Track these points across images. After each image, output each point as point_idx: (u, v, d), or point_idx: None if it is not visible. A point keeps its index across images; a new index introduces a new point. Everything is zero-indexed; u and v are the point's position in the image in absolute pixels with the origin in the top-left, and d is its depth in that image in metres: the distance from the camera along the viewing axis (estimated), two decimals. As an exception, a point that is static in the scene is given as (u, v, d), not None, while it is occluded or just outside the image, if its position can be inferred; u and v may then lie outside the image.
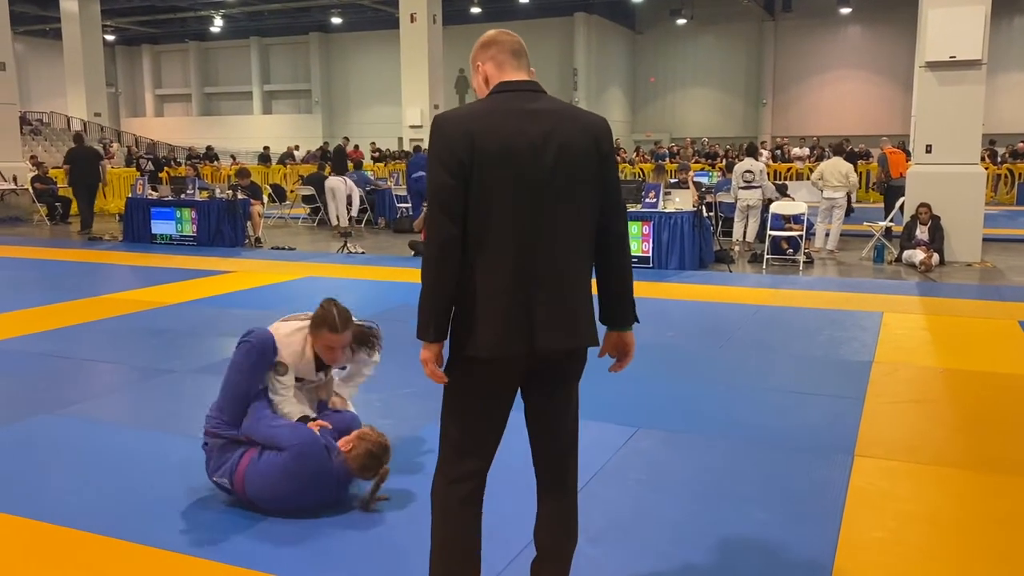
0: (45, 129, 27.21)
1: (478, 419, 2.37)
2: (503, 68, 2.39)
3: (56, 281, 9.60)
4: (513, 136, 2.24)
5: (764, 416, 4.66)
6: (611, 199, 2.38)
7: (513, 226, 2.24)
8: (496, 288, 2.24)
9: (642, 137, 35.99)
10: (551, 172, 2.25)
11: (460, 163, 2.21)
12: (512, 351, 2.25)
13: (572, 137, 2.29)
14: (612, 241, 2.40)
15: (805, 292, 8.57)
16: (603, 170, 2.35)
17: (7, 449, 4.21)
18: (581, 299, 2.34)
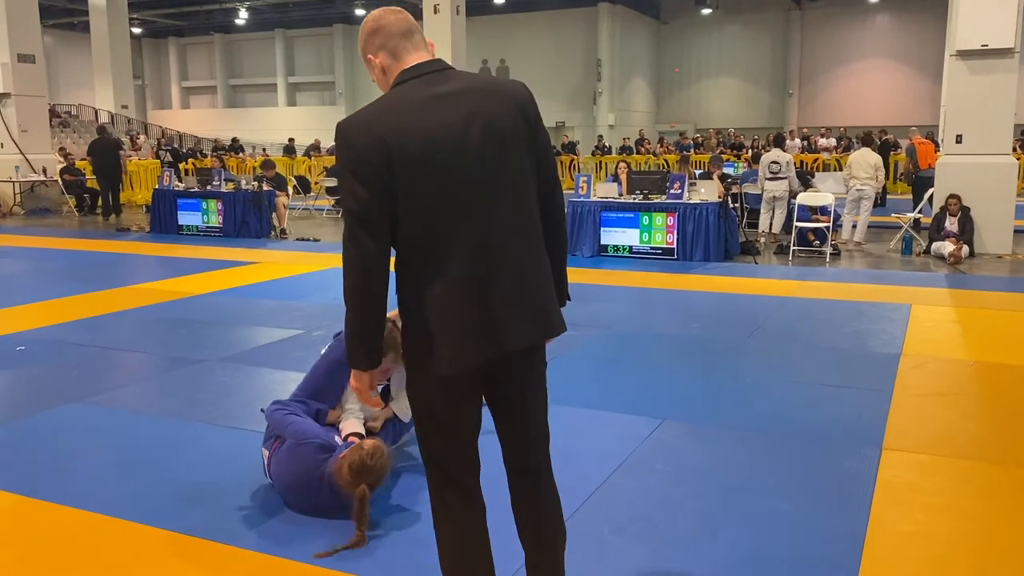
0: (74, 121, 27.55)
1: (451, 436, 2.20)
2: (398, 54, 2.14)
3: (85, 271, 9.72)
4: (431, 128, 2.02)
5: (790, 408, 4.63)
6: (547, 172, 2.22)
7: (453, 226, 2.04)
8: (447, 297, 2.04)
9: (666, 128, 35.77)
10: (482, 158, 2.05)
11: (377, 174, 1.99)
12: (476, 360, 2.08)
13: (496, 113, 2.08)
14: (553, 218, 2.23)
15: (832, 284, 8.49)
16: (536, 141, 2.17)
17: (39, 437, 4.27)
18: (544, 285, 2.17)
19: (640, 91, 37.02)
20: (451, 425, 2.19)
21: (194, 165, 18.84)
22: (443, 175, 2.02)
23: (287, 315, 7.09)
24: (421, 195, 2.01)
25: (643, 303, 7.66)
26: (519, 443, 2.28)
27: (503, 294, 2.07)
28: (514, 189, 2.10)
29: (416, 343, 2.10)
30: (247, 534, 3.17)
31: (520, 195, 2.12)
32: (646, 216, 10.10)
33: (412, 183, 2.00)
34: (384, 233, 2.02)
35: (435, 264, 2.04)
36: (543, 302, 2.15)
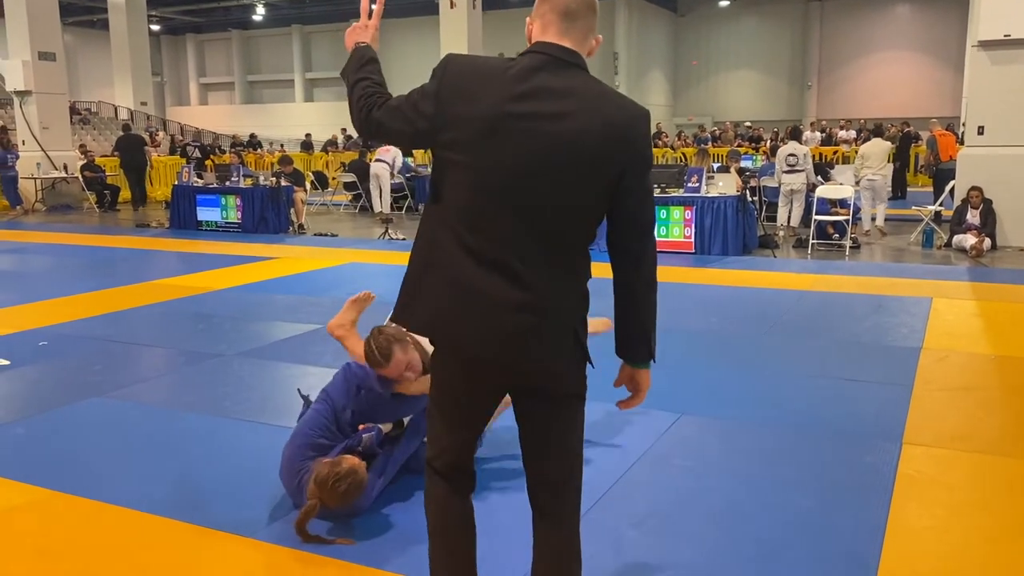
0: (93, 118, 27.74)
1: (449, 421, 2.14)
2: (547, 29, 1.96)
3: (106, 267, 9.80)
4: (508, 109, 1.86)
5: (809, 403, 4.60)
6: (629, 212, 1.95)
7: (471, 213, 1.90)
8: (461, 281, 1.92)
9: (684, 121, 35.61)
10: (542, 164, 1.86)
11: (425, 116, 1.94)
12: (442, 333, 2.00)
13: (584, 128, 1.86)
14: (626, 261, 2.01)
15: (851, 277, 8.43)
16: (620, 177, 1.91)
17: (61, 431, 4.32)
18: (556, 317, 1.97)
19: (657, 84, 36.86)
20: (450, 410, 2.12)
21: (213, 161, 18.94)
22: (489, 157, 1.87)
23: (305, 310, 7.12)
24: (456, 163, 1.90)
25: (660, 297, 7.61)
26: (534, 479, 2.13)
27: (511, 306, 1.91)
28: (562, 210, 1.90)
29: (403, 290, 2.03)
30: (267, 527, 3.19)
31: (565, 219, 1.91)
32: (663, 209, 10.05)
33: (454, 148, 1.90)
34: (403, 136, 2.04)
35: (443, 232, 1.94)
36: (550, 329, 1.96)
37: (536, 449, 2.11)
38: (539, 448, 2.10)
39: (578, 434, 2.14)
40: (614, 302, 2.04)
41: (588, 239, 2.01)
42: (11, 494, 3.53)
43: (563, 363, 2.03)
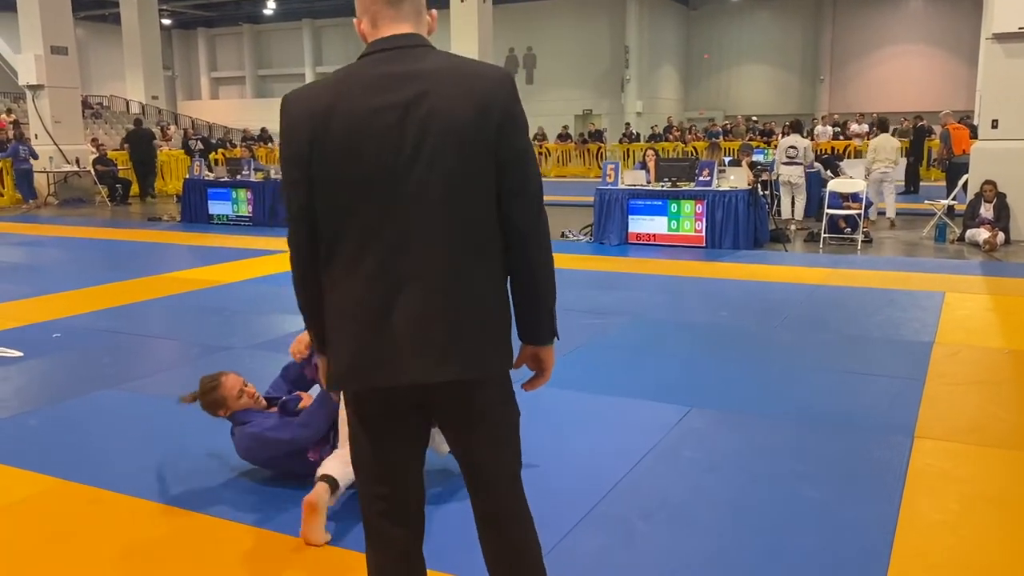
0: (105, 112, 27.86)
1: (378, 469, 1.93)
2: (377, 21, 1.84)
3: (118, 260, 9.85)
4: (361, 112, 1.75)
5: (820, 396, 4.58)
6: (510, 183, 1.82)
7: (366, 229, 1.77)
8: (348, 308, 1.80)
9: (695, 115, 35.47)
10: (415, 157, 1.74)
11: (300, 155, 1.78)
12: (363, 385, 1.83)
13: (447, 105, 1.74)
14: (515, 238, 1.85)
15: (863, 271, 8.39)
16: (497, 146, 1.79)
17: (74, 422, 4.35)
18: (474, 315, 1.82)
19: (668, 78, 36.71)
20: (369, 457, 1.92)
21: (223, 155, 18.99)
22: (363, 168, 1.75)
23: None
24: (335, 188, 1.77)
25: (671, 291, 7.62)
26: (472, 484, 1.98)
27: (408, 318, 1.77)
28: (453, 199, 1.77)
29: (330, 344, 1.88)
30: (277, 516, 3.20)
31: (461, 207, 1.78)
32: (674, 204, 10.03)
33: (328, 175, 1.77)
34: (306, 220, 1.82)
35: (342, 268, 1.80)
36: (460, 335, 1.80)
37: (462, 448, 2.00)
38: (465, 447, 1.99)
39: (509, 429, 2.02)
40: (511, 283, 1.90)
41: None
42: (25, 483, 3.56)
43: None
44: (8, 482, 3.58)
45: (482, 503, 1.98)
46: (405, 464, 1.94)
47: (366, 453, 1.92)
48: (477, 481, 1.97)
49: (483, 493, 1.97)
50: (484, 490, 1.97)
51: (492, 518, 1.98)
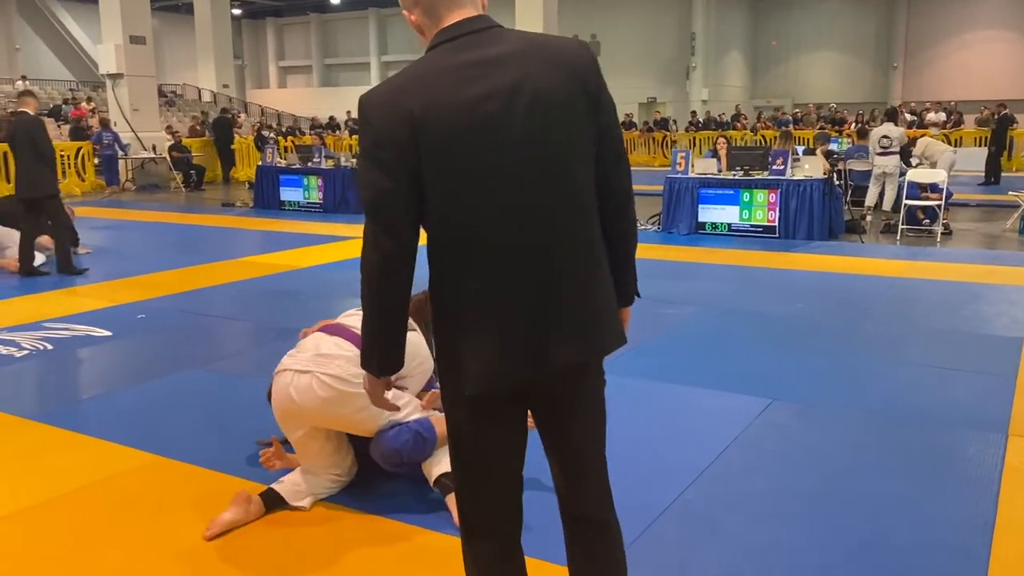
0: (178, 100, 28.58)
1: (480, 472, 1.91)
2: (434, 11, 1.77)
3: (195, 244, 10.12)
4: (466, 102, 1.68)
5: (905, 391, 4.47)
6: (609, 150, 1.83)
7: (491, 221, 1.73)
8: (480, 305, 1.75)
9: (762, 103, 34.79)
10: (528, 138, 1.71)
11: (400, 158, 1.69)
12: (507, 382, 1.78)
13: (548, 83, 1.72)
14: (615, 203, 1.86)
15: (945, 264, 8.14)
16: (597, 117, 1.79)
17: (166, 399, 4.49)
18: (599, 291, 1.82)
19: (735, 66, 36.06)
20: (479, 458, 1.89)
21: (292, 143, 19.32)
22: (480, 159, 1.70)
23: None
24: (453, 184, 1.71)
25: (744, 281, 7.51)
26: (567, 482, 1.94)
27: (549, 302, 1.75)
28: (568, 175, 1.76)
29: (444, 358, 1.83)
30: (366, 496, 3.25)
31: (576, 182, 1.78)
32: (747, 193, 9.86)
33: (442, 170, 1.70)
34: (408, 231, 1.73)
35: (468, 265, 1.75)
36: (596, 312, 1.81)
37: (560, 439, 1.95)
38: (564, 437, 1.94)
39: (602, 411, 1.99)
40: (607, 247, 1.87)
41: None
42: (124, 458, 3.69)
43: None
44: (107, 456, 3.72)
45: (573, 493, 1.94)
46: (508, 455, 1.92)
47: (470, 445, 1.90)
48: (571, 471, 1.93)
49: (575, 483, 1.93)
50: (577, 480, 1.93)
51: (588, 520, 1.95)
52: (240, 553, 2.89)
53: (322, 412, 3.06)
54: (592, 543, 1.96)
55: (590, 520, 1.95)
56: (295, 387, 3.04)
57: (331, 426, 3.17)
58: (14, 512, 3.20)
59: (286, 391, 3.07)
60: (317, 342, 3.16)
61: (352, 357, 3.02)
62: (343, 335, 3.17)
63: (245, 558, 2.86)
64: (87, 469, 3.58)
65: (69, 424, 4.10)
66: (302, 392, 3.02)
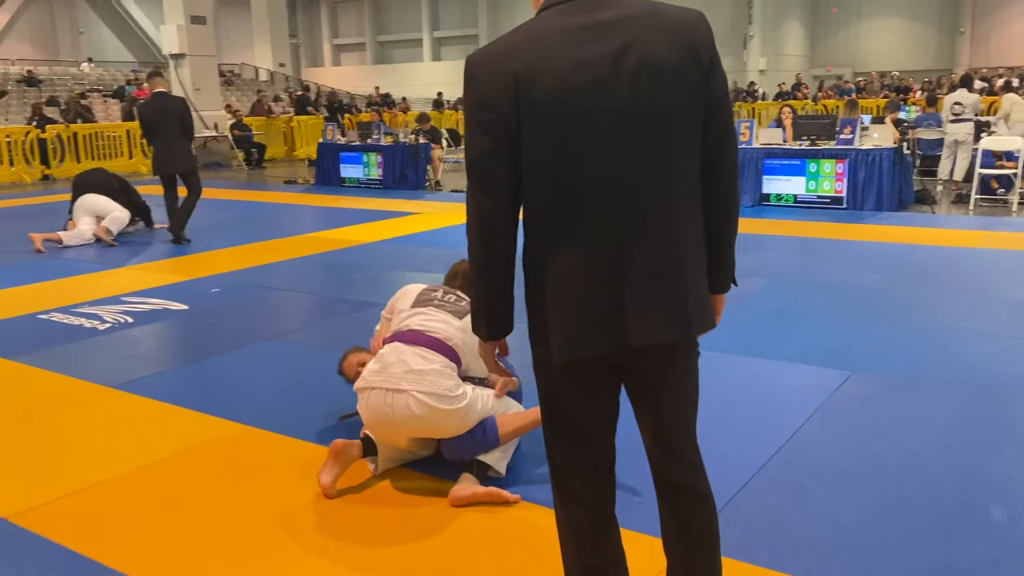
0: (236, 80, 28.96)
1: (571, 437, 1.90)
2: None
3: (261, 220, 10.28)
4: (570, 66, 1.65)
5: (988, 362, 4.35)
6: (719, 126, 1.77)
7: (589, 189, 1.70)
8: (570, 274, 1.73)
9: (822, 72, 33.92)
10: (632, 107, 1.66)
11: (502, 120, 1.68)
12: (589, 352, 1.76)
13: (658, 50, 1.66)
14: (720, 182, 1.81)
15: (1022, 234, 7.88)
16: (707, 89, 1.73)
17: (241, 370, 4.60)
18: (693, 270, 1.77)
19: (794, 33, 35.16)
20: (570, 423, 1.89)
21: (350, 120, 19.47)
22: (581, 126, 1.67)
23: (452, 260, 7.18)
24: (551, 149, 1.68)
25: (812, 253, 7.36)
26: (660, 452, 1.93)
27: (638, 277, 1.71)
28: (671, 147, 1.71)
29: (534, 322, 1.82)
30: (449, 469, 3.30)
31: (678, 155, 1.73)
32: (813, 163, 9.66)
33: (541, 134, 1.67)
34: (507, 191, 1.73)
35: (562, 233, 1.72)
36: (687, 292, 1.76)
37: (648, 412, 1.93)
38: (652, 410, 1.93)
39: (694, 387, 1.98)
40: (708, 227, 1.82)
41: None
42: (211, 427, 3.80)
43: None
44: (194, 424, 3.83)
45: (665, 463, 1.93)
46: (602, 426, 1.91)
47: (564, 416, 1.89)
48: (662, 442, 1.92)
49: (667, 453, 1.93)
50: (669, 451, 1.92)
51: (681, 488, 1.94)
52: (332, 519, 2.96)
53: (418, 428, 3.10)
54: (687, 511, 1.95)
55: (684, 488, 1.95)
56: (392, 407, 3.03)
57: (424, 436, 3.22)
58: (109, 478, 3.32)
59: (381, 411, 3.06)
60: (402, 355, 3.11)
61: (442, 369, 3.07)
62: (424, 343, 3.15)
63: (337, 524, 2.93)
64: (177, 437, 3.69)
65: (155, 394, 4.22)
66: (399, 411, 3.02)
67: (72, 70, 28.24)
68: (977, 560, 2.60)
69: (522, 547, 2.75)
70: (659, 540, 2.01)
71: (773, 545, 2.69)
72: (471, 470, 3.13)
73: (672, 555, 2.01)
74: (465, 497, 3.03)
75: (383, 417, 3.06)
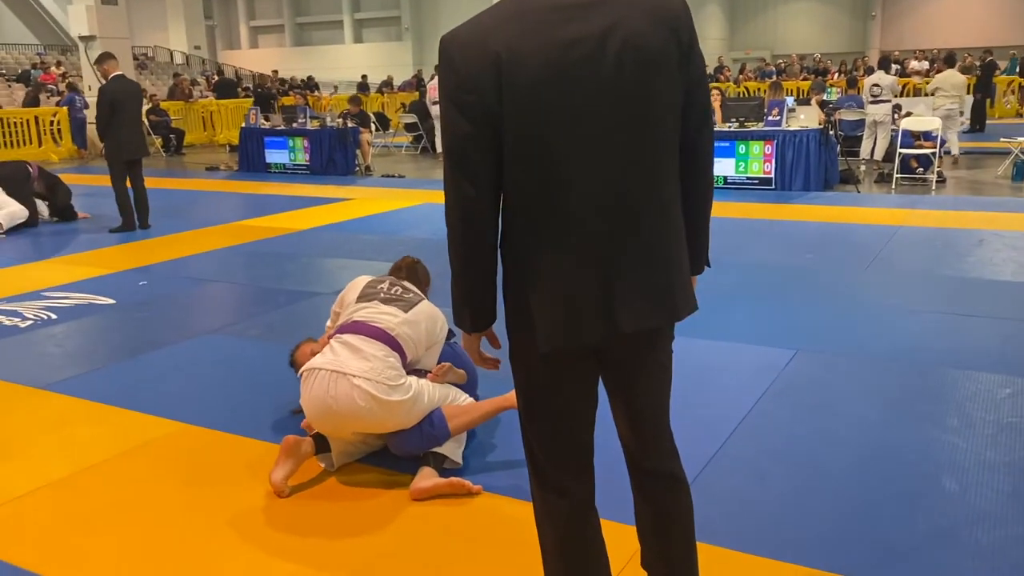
0: (150, 63, 27.91)
1: (550, 424, 1.87)
2: None
3: (184, 209, 9.91)
4: (553, 47, 1.60)
5: (929, 338, 4.48)
6: (697, 106, 1.76)
7: (572, 173, 1.65)
8: (554, 261, 1.69)
9: (741, 55, 34.59)
10: (616, 88, 1.62)
11: (482, 102, 1.62)
12: (576, 341, 1.73)
13: (641, 30, 1.63)
14: (698, 162, 1.81)
15: (944, 212, 8.16)
16: (687, 70, 1.71)
17: (177, 366, 4.41)
18: (676, 254, 1.77)
19: (714, 17, 35.74)
20: (551, 411, 1.85)
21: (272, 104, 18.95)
22: (564, 108, 1.62)
23: (392, 248, 7.10)
24: (534, 132, 1.63)
25: (746, 234, 7.47)
26: (636, 438, 1.92)
27: (623, 264, 1.69)
28: (654, 129, 1.68)
29: (513, 310, 1.77)
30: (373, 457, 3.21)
31: (661, 137, 1.70)
32: (742, 144, 9.80)
33: (524, 116, 1.62)
34: (488, 176, 1.67)
35: (544, 219, 1.68)
36: (672, 276, 1.76)
37: (624, 398, 1.92)
38: (629, 396, 1.91)
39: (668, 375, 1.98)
40: (686, 209, 1.81)
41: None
42: (150, 427, 3.62)
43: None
44: (132, 425, 3.65)
45: (641, 449, 1.92)
46: (583, 413, 1.88)
47: (545, 405, 1.85)
48: (638, 427, 1.90)
49: (643, 439, 1.92)
50: (645, 436, 1.91)
51: (651, 464, 1.93)
52: (288, 518, 2.85)
53: (362, 421, 2.99)
54: (663, 496, 1.95)
55: (660, 473, 1.94)
56: (335, 398, 2.92)
57: (369, 431, 3.12)
58: (44, 485, 3.13)
59: (324, 402, 2.94)
60: (346, 343, 3.03)
61: (384, 358, 2.99)
62: (367, 333, 3.06)
63: (294, 522, 2.82)
64: (115, 439, 3.51)
65: (87, 394, 4.02)
66: (342, 402, 2.91)
67: (-28, 52, 26.77)
68: (935, 529, 2.65)
69: (489, 538, 2.69)
70: (625, 527, 1.98)
71: (738, 525, 2.70)
72: (428, 462, 3.06)
73: (648, 542, 2.00)
74: (426, 489, 2.96)
75: (326, 409, 2.95)
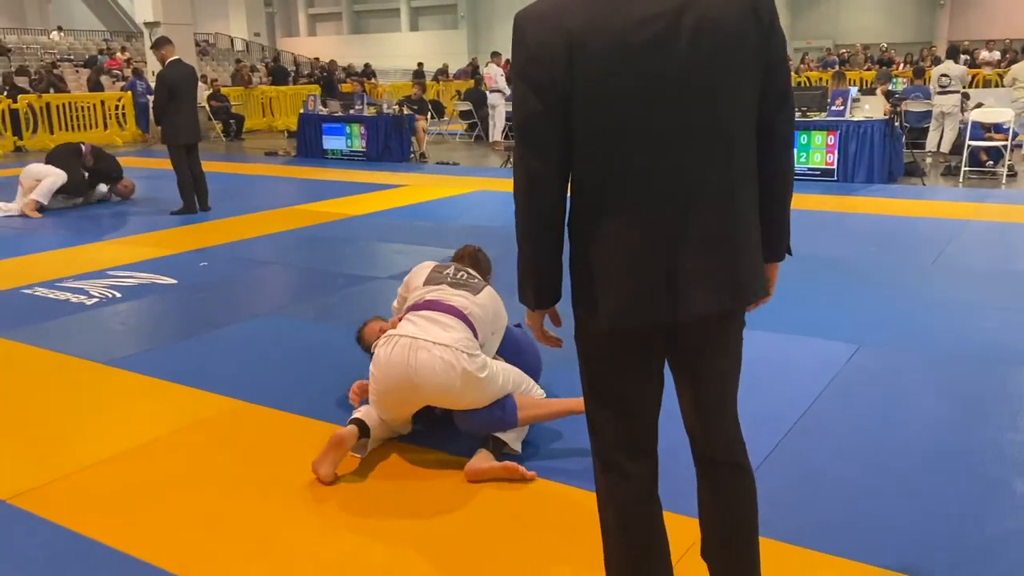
0: (212, 50, 28.41)
1: (612, 406, 1.84)
2: None
3: (244, 193, 10.06)
4: (631, 26, 1.57)
5: (997, 336, 4.32)
6: (777, 86, 1.71)
7: (642, 152, 1.63)
8: (620, 240, 1.67)
9: (802, 44, 33.84)
10: (689, 66, 1.59)
11: (553, 79, 1.61)
12: (637, 322, 1.71)
13: (719, 8, 1.59)
14: (777, 145, 1.76)
15: (1014, 206, 7.88)
16: (767, 49, 1.66)
17: (236, 345, 4.48)
18: (747, 239, 1.72)
19: (775, 6, 35.04)
20: (615, 391, 1.83)
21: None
22: (635, 88, 1.59)
23: (446, 235, 7.13)
24: (604, 110, 1.61)
25: (807, 226, 7.29)
26: (701, 425, 1.88)
27: (690, 246, 1.65)
28: (729, 109, 1.65)
29: (579, 288, 1.75)
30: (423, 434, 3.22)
31: (738, 118, 1.67)
32: (804, 135, 9.60)
33: (595, 94, 1.60)
34: (556, 153, 1.66)
35: (613, 197, 1.66)
36: (740, 261, 1.71)
37: (690, 382, 1.89)
38: (694, 380, 1.88)
39: (737, 359, 1.94)
40: (764, 194, 1.75)
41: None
42: (209, 404, 3.68)
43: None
44: (191, 401, 3.71)
45: (706, 436, 1.89)
46: (646, 396, 1.85)
47: (608, 384, 1.83)
48: (704, 415, 1.87)
49: (710, 427, 1.88)
50: (711, 424, 1.87)
51: (717, 454, 1.89)
52: (344, 493, 2.87)
53: (438, 394, 2.98)
54: (727, 485, 1.91)
55: (724, 463, 1.91)
56: (415, 368, 2.91)
57: (442, 404, 3.12)
58: (108, 458, 3.20)
59: (403, 371, 2.93)
60: (426, 317, 3.05)
61: (462, 336, 3.00)
62: (444, 310, 3.08)
63: (350, 498, 2.84)
64: (175, 415, 3.58)
65: (149, 370, 4.09)
66: (423, 372, 2.91)
67: (42, 39, 27.53)
68: (1007, 534, 2.56)
69: (541, 524, 2.68)
70: (683, 517, 1.94)
71: (798, 520, 2.64)
72: (487, 445, 3.06)
73: (709, 531, 1.96)
74: (482, 471, 2.95)
75: (404, 378, 2.93)
